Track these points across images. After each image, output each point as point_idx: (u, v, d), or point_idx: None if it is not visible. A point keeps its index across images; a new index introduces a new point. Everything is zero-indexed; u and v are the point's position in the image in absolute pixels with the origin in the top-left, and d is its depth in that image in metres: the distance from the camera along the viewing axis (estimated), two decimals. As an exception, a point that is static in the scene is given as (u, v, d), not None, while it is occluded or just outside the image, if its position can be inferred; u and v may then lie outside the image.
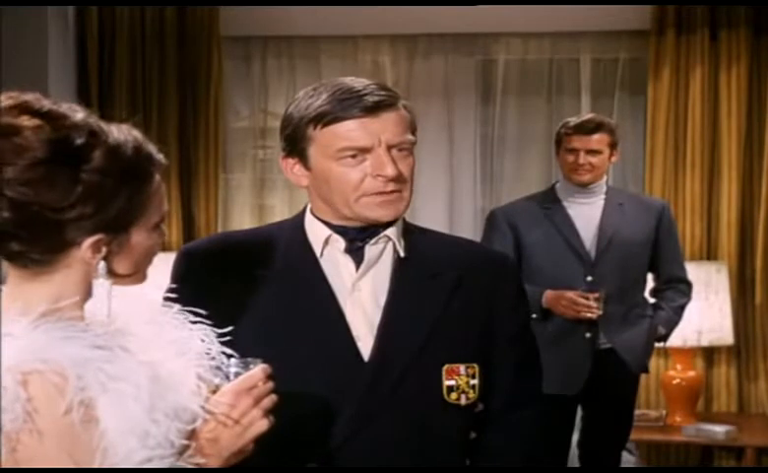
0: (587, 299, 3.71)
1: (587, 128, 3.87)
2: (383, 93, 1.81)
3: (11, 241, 1.41)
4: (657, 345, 4.08)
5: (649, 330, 3.93)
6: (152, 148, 1.51)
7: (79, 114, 1.44)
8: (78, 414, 1.34)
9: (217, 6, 4.94)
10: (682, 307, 4.01)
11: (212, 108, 4.98)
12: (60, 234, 1.41)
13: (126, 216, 1.45)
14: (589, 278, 3.81)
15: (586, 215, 3.89)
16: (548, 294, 3.77)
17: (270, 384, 1.55)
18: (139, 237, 1.49)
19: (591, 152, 3.85)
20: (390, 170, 1.78)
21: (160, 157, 1.52)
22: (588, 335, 3.81)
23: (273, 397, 1.54)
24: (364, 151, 1.79)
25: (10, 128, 1.38)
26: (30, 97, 1.42)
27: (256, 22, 5.05)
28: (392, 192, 1.81)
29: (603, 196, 3.93)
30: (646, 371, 4.05)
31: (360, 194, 1.81)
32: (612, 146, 3.89)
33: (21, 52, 4.43)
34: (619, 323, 3.85)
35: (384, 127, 1.79)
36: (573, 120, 3.94)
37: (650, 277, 4.03)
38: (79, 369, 1.36)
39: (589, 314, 3.72)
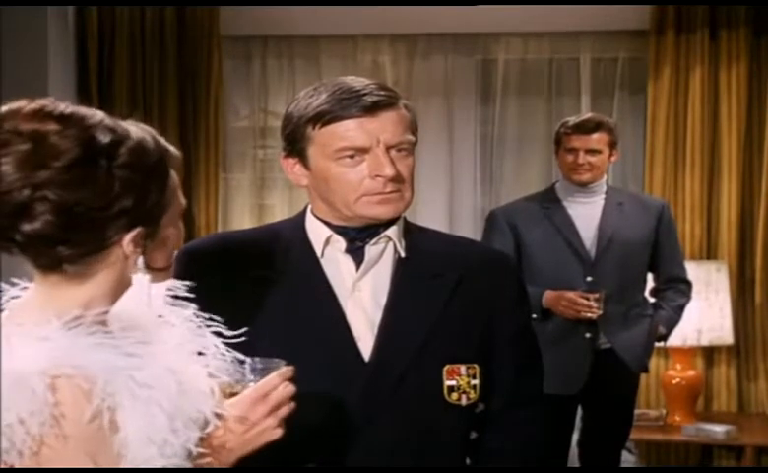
0: (587, 299, 3.70)
1: (586, 127, 3.86)
2: (382, 93, 1.80)
3: (57, 246, 1.40)
4: (657, 344, 4.08)
5: (649, 330, 3.93)
6: (166, 142, 1.53)
7: (98, 115, 1.45)
8: (103, 420, 1.34)
9: (217, 6, 4.94)
10: (682, 307, 4.01)
11: (212, 108, 4.98)
12: (104, 231, 1.42)
13: (158, 208, 1.47)
14: (589, 278, 3.81)
15: (586, 215, 3.89)
16: (548, 294, 3.76)
17: (289, 389, 1.53)
18: (169, 230, 1.51)
19: (590, 151, 3.84)
20: (388, 171, 1.78)
21: (175, 150, 1.54)
22: (588, 335, 3.81)
23: (291, 405, 1.53)
24: (363, 151, 1.78)
25: (38, 134, 1.38)
26: (45, 102, 1.42)
27: (256, 22, 5.05)
28: (391, 192, 1.80)
29: (602, 196, 3.92)
30: (646, 370, 4.05)
31: (360, 195, 1.80)
32: (612, 145, 3.88)
33: (21, 52, 4.43)
34: (619, 323, 3.84)
35: (383, 127, 1.78)
36: (572, 120, 3.94)
37: (650, 277, 4.03)
38: (107, 375, 1.36)
39: (589, 314, 3.71)
